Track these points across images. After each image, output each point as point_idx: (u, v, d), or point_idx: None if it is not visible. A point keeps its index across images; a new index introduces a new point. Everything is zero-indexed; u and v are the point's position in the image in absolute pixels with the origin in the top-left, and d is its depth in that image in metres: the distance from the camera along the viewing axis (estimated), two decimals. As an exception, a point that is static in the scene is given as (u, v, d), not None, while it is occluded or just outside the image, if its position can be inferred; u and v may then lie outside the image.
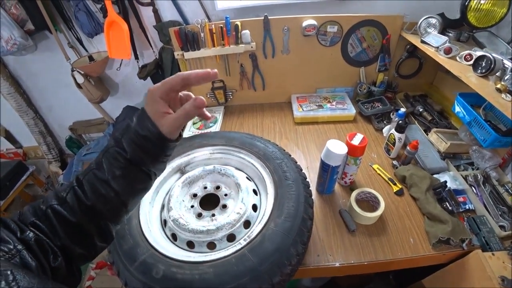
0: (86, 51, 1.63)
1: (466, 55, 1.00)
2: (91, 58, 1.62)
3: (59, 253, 0.40)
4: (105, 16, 1.37)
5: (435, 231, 0.87)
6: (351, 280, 1.42)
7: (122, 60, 1.64)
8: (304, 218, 0.75)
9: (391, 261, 0.86)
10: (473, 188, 1.00)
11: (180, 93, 0.47)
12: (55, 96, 1.90)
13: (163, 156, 0.46)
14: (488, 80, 0.92)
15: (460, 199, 0.98)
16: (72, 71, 1.56)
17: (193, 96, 0.46)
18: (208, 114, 0.47)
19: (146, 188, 0.49)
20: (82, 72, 1.58)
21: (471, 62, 0.96)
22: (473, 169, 1.10)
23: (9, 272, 0.30)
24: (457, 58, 1.02)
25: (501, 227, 0.88)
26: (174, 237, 0.83)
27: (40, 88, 1.87)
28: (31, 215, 0.42)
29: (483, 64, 0.92)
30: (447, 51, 1.04)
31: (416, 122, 1.35)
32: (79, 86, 1.63)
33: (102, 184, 0.44)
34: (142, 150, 0.44)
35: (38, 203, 0.44)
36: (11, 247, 0.35)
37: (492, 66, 0.88)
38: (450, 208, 0.94)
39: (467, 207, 0.97)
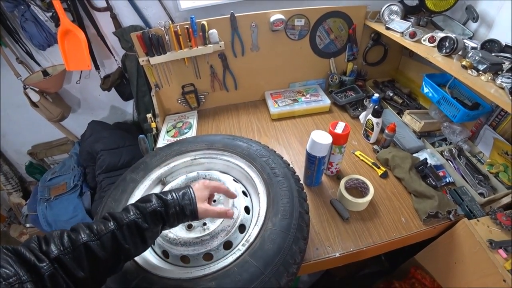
0: (39, 65, 1.47)
1: (429, 38, 1.05)
2: (45, 72, 1.47)
3: None
4: (57, 25, 1.25)
5: (423, 207, 0.90)
6: (347, 268, 1.43)
7: (81, 72, 1.51)
8: (301, 212, 0.73)
9: (387, 242, 0.87)
10: (450, 162, 1.06)
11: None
12: (7, 119, 1.71)
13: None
14: (452, 59, 0.97)
15: (440, 173, 1.03)
16: (25, 88, 1.41)
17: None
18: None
19: (153, 239, 0.60)
20: (37, 89, 1.43)
21: (435, 43, 1.02)
22: (446, 145, 1.16)
23: None
24: (422, 41, 1.07)
25: (480, 194, 0.93)
26: (165, 255, 0.77)
27: (-12, 112, 1.67)
28: (57, 248, 0.45)
29: (447, 45, 0.97)
30: (412, 35, 1.09)
31: (388, 106, 1.40)
32: (34, 105, 1.48)
33: (139, 232, 0.54)
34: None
35: (65, 233, 0.48)
36: (10, 273, 0.38)
37: (455, 45, 0.93)
38: (433, 183, 0.98)
39: (447, 180, 1.01)
